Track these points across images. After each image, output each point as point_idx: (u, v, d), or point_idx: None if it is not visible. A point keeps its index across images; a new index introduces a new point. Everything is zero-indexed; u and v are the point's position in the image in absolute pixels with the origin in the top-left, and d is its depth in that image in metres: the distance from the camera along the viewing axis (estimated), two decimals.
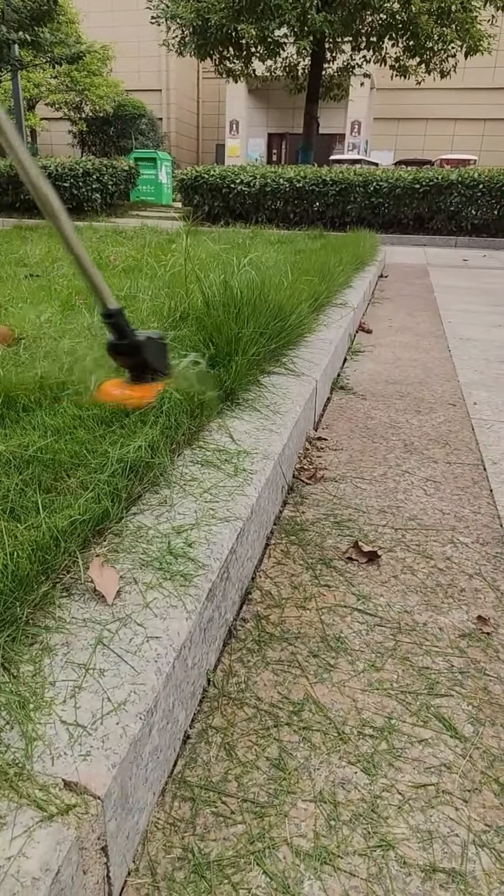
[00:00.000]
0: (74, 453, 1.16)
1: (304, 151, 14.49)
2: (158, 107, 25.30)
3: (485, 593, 1.19)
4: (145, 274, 3.35)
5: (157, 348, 1.42)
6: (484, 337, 3.38)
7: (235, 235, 6.23)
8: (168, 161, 17.30)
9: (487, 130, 24.61)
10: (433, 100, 23.90)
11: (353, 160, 17.45)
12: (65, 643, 0.77)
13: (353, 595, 1.16)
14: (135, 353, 1.37)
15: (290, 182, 10.55)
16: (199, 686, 0.91)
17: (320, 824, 0.73)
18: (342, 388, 2.42)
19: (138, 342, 1.36)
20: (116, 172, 12.38)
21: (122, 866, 0.65)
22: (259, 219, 10.84)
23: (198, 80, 27.58)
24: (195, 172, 11.18)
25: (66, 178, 11.56)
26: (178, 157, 24.44)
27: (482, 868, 0.70)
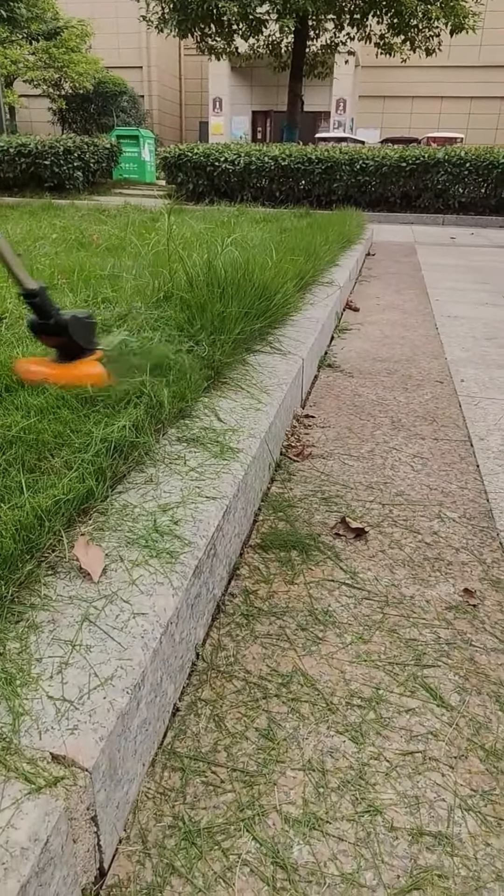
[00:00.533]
0: (58, 433, 1.15)
1: (289, 129, 14.30)
2: (140, 84, 24.80)
3: (471, 566, 1.20)
4: (129, 253, 3.30)
5: (84, 327, 1.37)
6: (471, 315, 3.38)
7: (220, 214, 6.16)
8: (151, 139, 17.02)
9: (474, 109, 24.39)
10: (419, 78, 23.62)
11: (339, 138, 17.25)
12: (51, 620, 0.77)
13: (341, 570, 1.17)
14: (60, 333, 1.32)
15: (275, 160, 10.43)
16: (188, 660, 0.91)
17: (309, 792, 0.74)
18: (330, 365, 2.41)
19: (64, 321, 1.31)
20: (98, 150, 12.17)
21: (112, 835, 0.66)
22: (244, 197, 10.72)
23: (179, 57, 27.04)
24: (179, 150, 11.02)
25: (46, 156, 11.35)
26: (161, 135, 24.04)
27: (468, 831, 0.71)
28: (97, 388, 1.35)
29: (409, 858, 0.67)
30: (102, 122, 21.50)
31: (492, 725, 0.85)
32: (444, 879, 0.66)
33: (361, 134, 22.57)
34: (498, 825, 0.72)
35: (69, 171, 11.57)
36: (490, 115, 24.31)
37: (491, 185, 9.98)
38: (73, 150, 11.56)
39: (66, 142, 11.55)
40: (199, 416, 1.40)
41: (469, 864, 0.67)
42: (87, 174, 12.01)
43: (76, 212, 6.11)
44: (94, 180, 12.48)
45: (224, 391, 1.56)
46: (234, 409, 1.45)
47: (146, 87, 25.40)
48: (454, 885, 0.65)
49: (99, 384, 1.38)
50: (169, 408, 1.33)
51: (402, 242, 7.16)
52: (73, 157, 11.58)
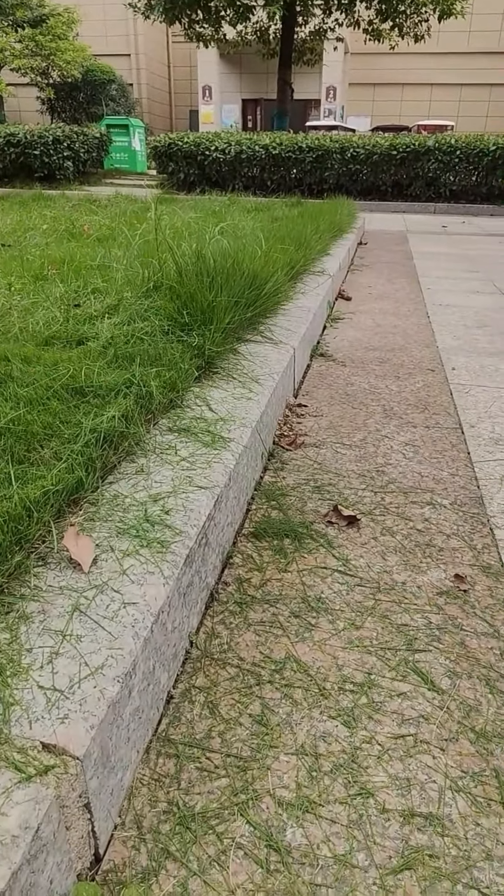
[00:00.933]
0: (47, 424, 1.14)
1: (279, 118, 14.19)
2: (128, 72, 24.52)
3: (462, 552, 1.20)
4: (119, 243, 3.28)
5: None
6: (462, 303, 3.38)
7: (211, 203, 6.12)
8: (141, 128, 16.85)
9: (464, 96, 24.26)
10: (408, 65, 23.45)
11: (330, 126, 17.14)
12: (41, 611, 0.76)
13: (334, 557, 1.17)
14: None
15: (265, 149, 10.36)
16: (182, 648, 0.91)
17: (302, 776, 0.74)
18: (322, 355, 2.41)
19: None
20: (88, 139, 12.05)
21: (107, 821, 0.66)
22: (236, 186, 10.66)
23: (168, 45, 26.74)
24: (169, 139, 10.93)
25: (35, 146, 11.23)
26: (151, 124, 23.81)
27: (458, 811, 0.72)
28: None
29: (400, 839, 0.68)
30: (91, 111, 21.26)
31: (482, 708, 0.86)
32: (435, 859, 0.66)
33: (352, 122, 22.44)
34: (488, 805, 0.73)
35: (59, 160, 11.45)
36: (480, 103, 24.20)
37: (482, 173, 9.96)
38: (63, 139, 11.44)
39: (56, 131, 11.43)
40: (190, 405, 1.39)
41: (459, 844, 0.68)
42: (77, 164, 11.90)
43: (66, 202, 6.06)
44: (85, 170, 12.37)
45: (215, 381, 1.56)
46: (226, 399, 1.45)
47: (135, 76, 25.12)
48: (445, 865, 0.66)
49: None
50: (159, 398, 1.33)
51: (393, 231, 7.14)
52: (62, 146, 11.46)
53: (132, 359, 1.46)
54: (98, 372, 1.37)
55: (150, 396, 1.30)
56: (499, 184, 9.95)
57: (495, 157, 9.70)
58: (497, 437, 1.70)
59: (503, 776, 0.76)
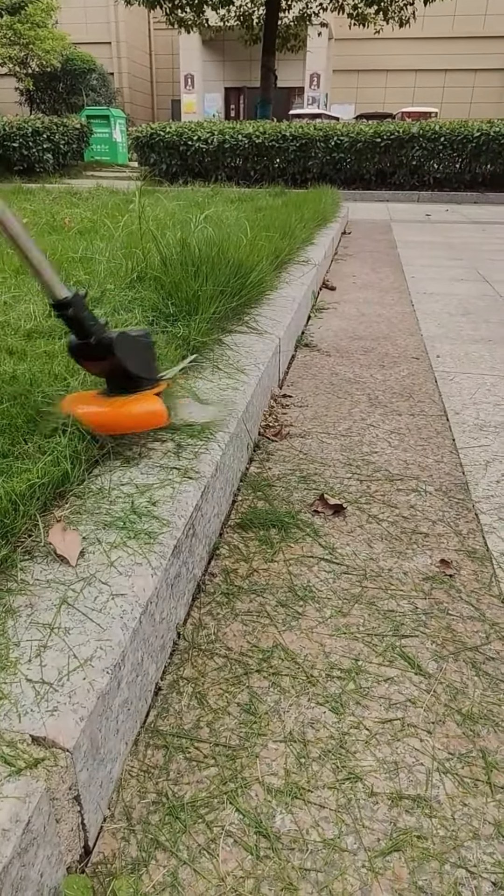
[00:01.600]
0: (30, 418, 1.13)
1: (263, 106, 14.10)
2: (109, 61, 24.18)
3: (447, 538, 1.21)
4: (101, 235, 3.25)
5: (138, 348, 1.09)
6: (446, 291, 3.39)
7: (194, 194, 6.08)
8: (122, 118, 16.66)
9: (448, 81, 24.21)
10: (393, 50, 23.36)
11: (314, 114, 17.05)
12: (28, 604, 0.76)
13: (320, 546, 1.17)
14: (104, 356, 1.05)
15: (249, 138, 10.30)
16: (169, 639, 0.91)
17: (290, 763, 0.75)
18: (307, 345, 2.40)
19: (108, 340, 1.03)
20: (68, 131, 11.90)
21: (96, 813, 0.66)
22: (219, 177, 10.58)
23: (149, 32, 26.40)
24: (150, 130, 10.82)
25: (14, 138, 11.06)
26: (133, 114, 23.54)
27: (445, 792, 0.73)
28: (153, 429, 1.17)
29: (388, 822, 0.69)
30: (72, 101, 20.98)
31: (468, 691, 0.87)
32: (423, 840, 0.67)
33: (335, 110, 22.33)
34: (474, 786, 0.74)
35: (39, 153, 11.30)
36: (464, 89, 24.17)
37: (465, 160, 9.96)
38: (42, 131, 11.28)
39: (35, 122, 11.27)
40: (176, 396, 1.39)
41: (447, 825, 0.69)
42: (57, 156, 11.75)
43: (47, 195, 5.99)
44: (65, 162, 12.21)
45: (200, 371, 1.55)
46: (212, 390, 1.44)
47: (115, 64, 24.79)
48: (433, 845, 0.67)
49: (159, 425, 1.17)
50: None
51: (377, 220, 7.13)
52: (42, 138, 11.30)
53: None
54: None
55: None
56: (482, 171, 9.96)
57: (479, 143, 9.70)
58: (481, 424, 1.72)
59: (489, 757, 0.77)
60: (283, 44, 15.29)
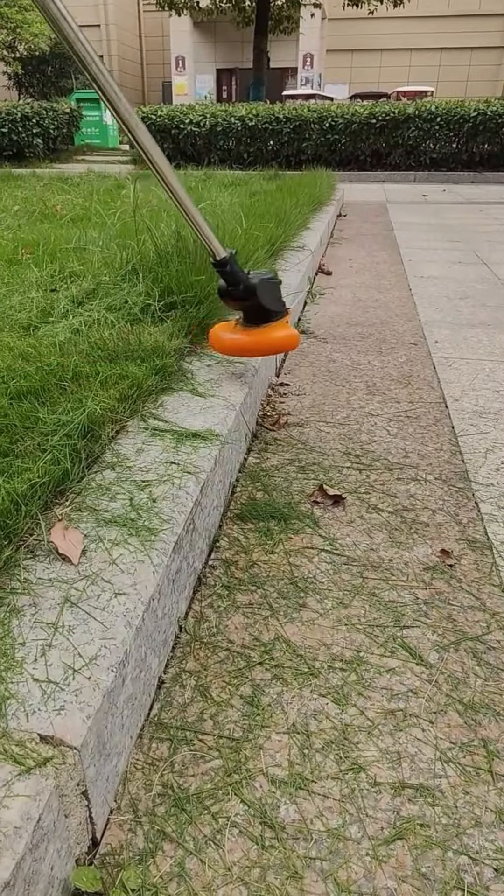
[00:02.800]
0: (27, 415, 1.14)
1: (256, 88, 13.92)
2: (98, 43, 23.84)
3: (447, 527, 1.22)
4: (94, 223, 3.23)
5: (272, 289, 1.37)
6: (444, 274, 3.37)
7: (187, 178, 6.01)
8: None
9: (444, 60, 23.89)
10: (387, 29, 23.01)
11: (308, 95, 16.83)
12: (32, 604, 0.77)
13: (320, 537, 1.18)
14: (248, 297, 1.34)
15: (241, 121, 10.18)
16: (171, 633, 0.92)
17: (294, 754, 0.76)
18: (304, 332, 2.40)
19: (253, 285, 1.32)
20: (58, 115, 11.75)
21: (103, 806, 0.68)
22: (211, 160, 10.48)
23: (139, 14, 25.98)
24: (142, 113, 10.68)
25: (3, 124, 10.92)
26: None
27: (448, 782, 0.74)
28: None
29: (392, 811, 0.70)
30: (61, 84, 20.69)
31: (469, 680, 0.88)
32: (426, 828, 0.69)
33: (330, 90, 22.05)
34: (476, 774, 0.75)
35: (28, 138, 11.16)
36: (461, 67, 23.87)
37: (462, 140, 9.86)
38: (32, 115, 11.14)
39: (24, 107, 11.12)
40: (174, 388, 1.39)
41: (450, 813, 0.70)
42: (47, 141, 11.61)
43: (38, 181, 5.93)
44: (55, 147, 12.07)
45: (197, 362, 1.55)
46: (210, 380, 1.44)
47: (105, 47, 24.42)
48: (436, 833, 0.68)
49: (294, 347, 1.46)
50: (147, 385, 1.32)
51: (373, 202, 7.07)
52: (31, 123, 11.16)
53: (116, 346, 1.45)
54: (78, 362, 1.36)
55: (137, 387, 1.30)
56: (479, 150, 9.86)
57: (476, 123, 9.60)
58: (480, 410, 1.72)
59: (491, 746, 0.79)
60: (276, 25, 15.09)
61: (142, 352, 1.45)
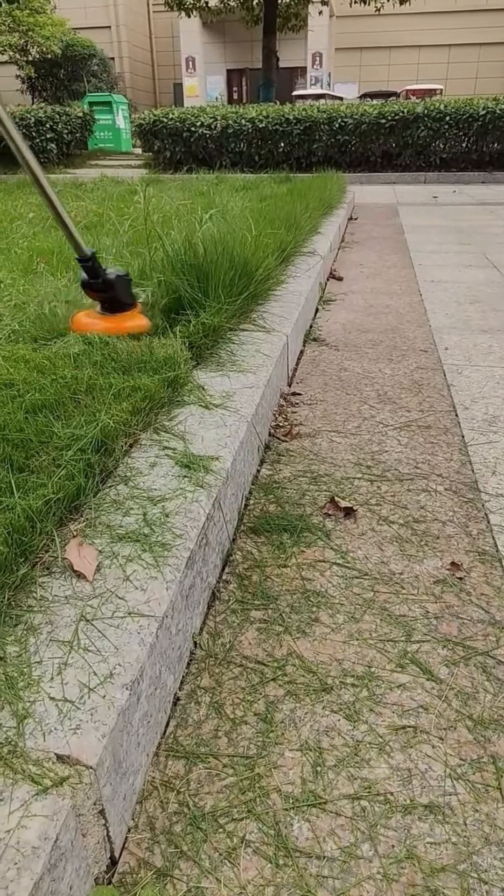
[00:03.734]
0: (42, 430, 1.15)
1: (265, 88, 13.94)
2: (109, 45, 23.89)
3: (457, 539, 1.23)
4: (107, 230, 3.26)
5: (125, 284, 1.64)
6: (454, 278, 3.36)
7: (199, 183, 6.04)
8: (125, 104, 16.49)
9: (453, 57, 23.74)
10: (395, 26, 22.91)
11: (317, 95, 16.80)
12: (48, 622, 0.79)
13: (332, 550, 1.19)
14: (107, 290, 1.60)
15: (252, 122, 10.19)
16: (186, 650, 0.94)
17: (307, 771, 0.77)
18: (315, 339, 2.41)
19: (110, 280, 1.58)
20: (71, 119, 11.82)
21: (121, 825, 0.69)
22: (223, 163, 10.50)
23: (148, 14, 26.04)
24: (153, 116, 10.73)
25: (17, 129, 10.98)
26: (135, 99, 23.30)
27: (458, 799, 0.75)
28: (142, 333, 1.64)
29: (403, 829, 0.71)
30: (73, 88, 20.78)
31: (479, 696, 0.89)
32: (437, 847, 0.70)
33: (339, 89, 22.00)
34: (486, 791, 0.76)
35: (42, 143, 11.23)
36: (469, 64, 23.71)
37: (472, 139, 9.81)
38: (45, 120, 11.21)
39: (38, 112, 11.20)
40: (186, 399, 1.40)
41: (459, 831, 0.71)
42: (60, 146, 11.68)
43: (52, 187, 5.97)
44: (69, 152, 12.15)
45: (209, 373, 1.56)
46: (221, 392, 1.46)
47: (116, 49, 24.50)
48: (446, 852, 0.69)
49: (146, 332, 1.68)
50: (160, 397, 1.34)
51: (384, 204, 7.06)
52: (45, 128, 11.23)
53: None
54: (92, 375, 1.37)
55: (151, 398, 1.31)
56: (489, 149, 9.80)
57: (485, 121, 9.55)
58: (490, 419, 1.72)
59: (500, 762, 0.79)
60: (284, 23, 15.09)
61: (154, 363, 1.47)
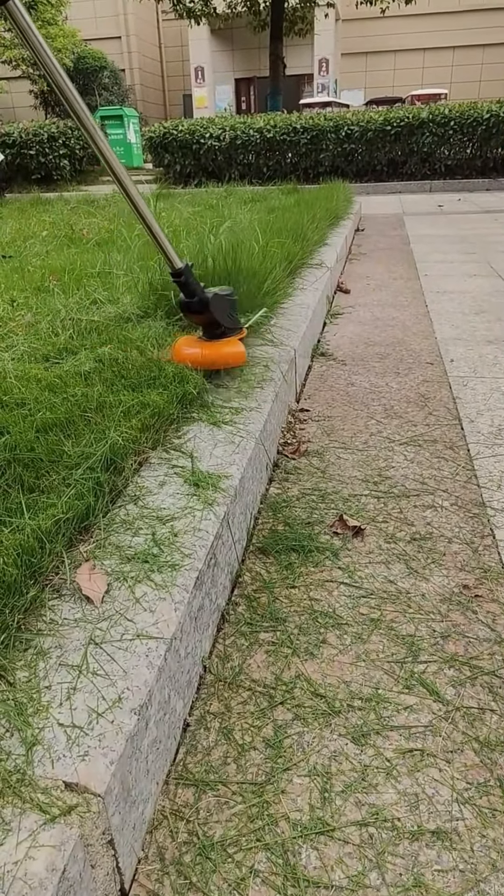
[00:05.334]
0: (52, 449, 1.17)
1: (273, 97, 14.04)
2: (120, 57, 24.16)
3: (464, 556, 1.23)
4: (118, 246, 3.29)
5: (225, 304, 1.47)
6: (460, 288, 3.36)
7: (209, 196, 6.09)
8: (135, 118, 16.56)
9: (457, 60, 23.78)
10: (400, 29, 23.01)
11: (324, 103, 16.90)
12: (57, 645, 0.79)
13: (339, 569, 1.19)
14: (203, 311, 1.43)
15: (260, 133, 10.26)
16: (196, 674, 0.94)
17: (315, 797, 0.78)
18: (323, 354, 2.41)
19: (206, 299, 1.41)
20: (83, 135, 11.93)
21: (130, 856, 0.70)
22: (232, 175, 10.57)
23: (158, 24, 26.30)
24: (163, 129, 10.82)
25: (31, 146, 11.10)
26: (146, 112, 23.50)
27: (465, 824, 0.75)
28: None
29: (410, 856, 0.71)
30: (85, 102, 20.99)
31: (485, 717, 0.88)
32: (444, 875, 0.70)
33: (346, 97, 22.11)
34: (493, 816, 0.76)
35: (55, 160, 11.31)
36: (473, 66, 23.73)
37: (476, 145, 9.81)
38: (58, 136, 11.30)
39: (50, 128, 11.31)
40: (194, 417, 1.42)
41: (467, 858, 0.71)
42: (73, 162, 11.77)
43: (65, 205, 6.04)
44: (82, 168, 12.24)
45: (217, 392, 1.57)
46: (230, 409, 1.47)
47: (126, 60, 24.75)
48: (454, 879, 0.69)
49: (241, 363, 1.58)
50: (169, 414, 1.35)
51: (390, 214, 7.07)
52: (58, 144, 11.32)
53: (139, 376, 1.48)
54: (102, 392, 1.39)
55: (159, 416, 1.33)
56: (494, 155, 9.79)
57: (489, 125, 9.55)
58: (496, 431, 1.72)
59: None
60: (291, 27, 15.21)
61: (163, 379, 1.48)
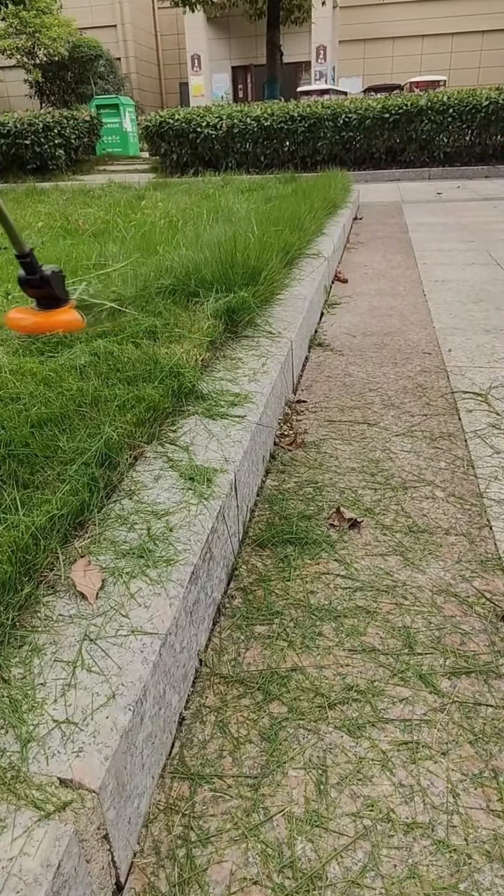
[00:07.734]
0: (47, 445, 1.17)
1: (270, 85, 13.92)
2: (115, 45, 23.90)
3: (460, 547, 1.23)
4: (114, 237, 3.27)
5: (60, 280, 1.74)
6: (458, 277, 3.35)
7: (205, 185, 6.04)
8: (131, 106, 16.43)
9: (456, 46, 23.51)
10: (398, 15, 22.74)
11: (322, 90, 16.74)
12: (52, 642, 0.80)
13: (336, 562, 1.19)
14: (43, 285, 1.70)
15: (257, 121, 10.17)
16: (191, 667, 0.94)
17: (310, 790, 0.78)
18: (320, 344, 2.40)
19: (46, 276, 1.69)
20: (78, 124, 11.84)
21: (126, 850, 0.70)
22: (229, 164, 10.49)
23: (153, 11, 26.01)
24: (159, 118, 10.73)
25: (26, 135, 11.02)
26: (142, 101, 23.29)
27: (459, 815, 0.75)
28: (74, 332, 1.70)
29: (405, 848, 0.72)
30: (81, 91, 20.81)
31: (480, 708, 0.89)
32: (439, 866, 0.70)
33: (344, 84, 21.88)
34: (487, 807, 0.76)
35: (51, 149, 11.23)
36: (472, 53, 23.46)
37: (475, 131, 9.72)
38: (53, 125, 11.22)
39: (46, 117, 11.22)
40: (190, 410, 1.41)
41: (461, 849, 0.72)
42: (69, 151, 11.69)
43: (60, 195, 6.00)
44: (77, 158, 12.16)
45: (214, 381, 1.57)
46: (225, 401, 1.46)
47: (122, 48, 24.48)
48: (448, 870, 0.69)
49: (77, 329, 1.74)
50: (164, 407, 1.35)
51: (388, 202, 7.02)
52: (53, 133, 11.24)
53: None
54: (97, 386, 1.38)
55: (153, 410, 1.32)
56: (493, 142, 9.71)
57: (488, 112, 9.46)
58: (493, 422, 1.71)
59: (501, 777, 0.79)
60: (288, 15, 15.05)
61: (159, 372, 1.48)
